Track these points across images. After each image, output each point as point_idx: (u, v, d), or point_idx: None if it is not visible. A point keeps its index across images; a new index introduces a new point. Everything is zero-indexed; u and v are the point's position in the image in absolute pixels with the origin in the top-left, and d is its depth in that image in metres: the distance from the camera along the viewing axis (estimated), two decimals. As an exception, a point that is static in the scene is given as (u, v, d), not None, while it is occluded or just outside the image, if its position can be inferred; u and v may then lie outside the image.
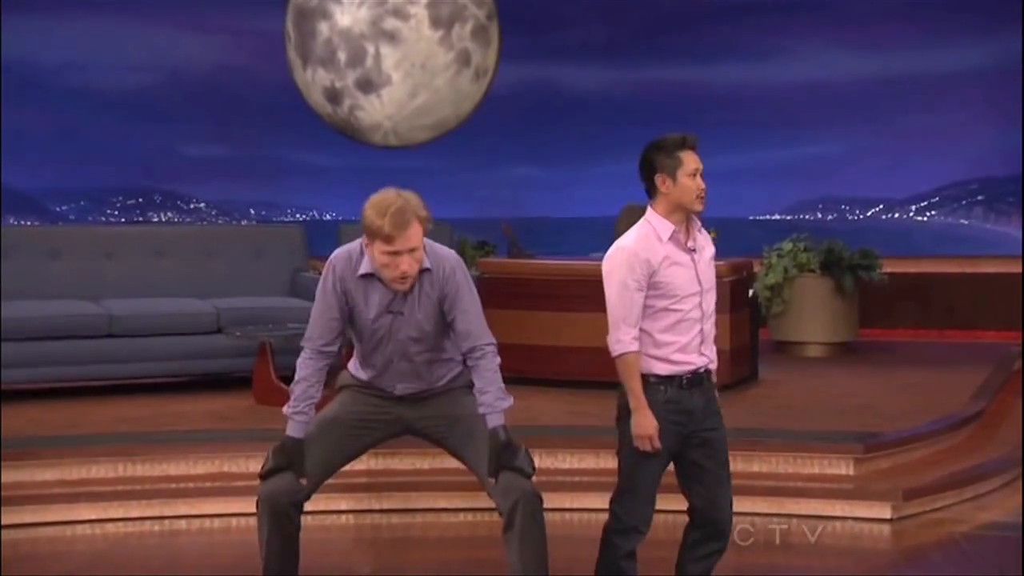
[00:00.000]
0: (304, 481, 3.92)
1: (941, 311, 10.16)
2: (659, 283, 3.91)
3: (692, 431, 3.99)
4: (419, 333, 3.93)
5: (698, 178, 3.95)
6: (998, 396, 7.76)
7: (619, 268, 3.92)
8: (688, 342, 3.95)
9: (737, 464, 5.97)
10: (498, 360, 3.96)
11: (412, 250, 3.78)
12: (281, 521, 3.89)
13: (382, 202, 3.77)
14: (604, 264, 3.99)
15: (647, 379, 3.96)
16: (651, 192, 3.97)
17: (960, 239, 11.76)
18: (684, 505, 4.16)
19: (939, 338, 9.94)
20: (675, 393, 3.94)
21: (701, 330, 3.97)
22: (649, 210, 3.98)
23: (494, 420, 3.88)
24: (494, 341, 3.97)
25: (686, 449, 4.00)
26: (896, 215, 12.07)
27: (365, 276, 3.89)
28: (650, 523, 4.06)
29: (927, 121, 11.29)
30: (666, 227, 3.93)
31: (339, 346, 4.02)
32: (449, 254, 3.96)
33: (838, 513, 5.82)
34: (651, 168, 3.96)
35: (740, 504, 5.79)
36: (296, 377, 3.97)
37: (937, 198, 12.03)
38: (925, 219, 12.13)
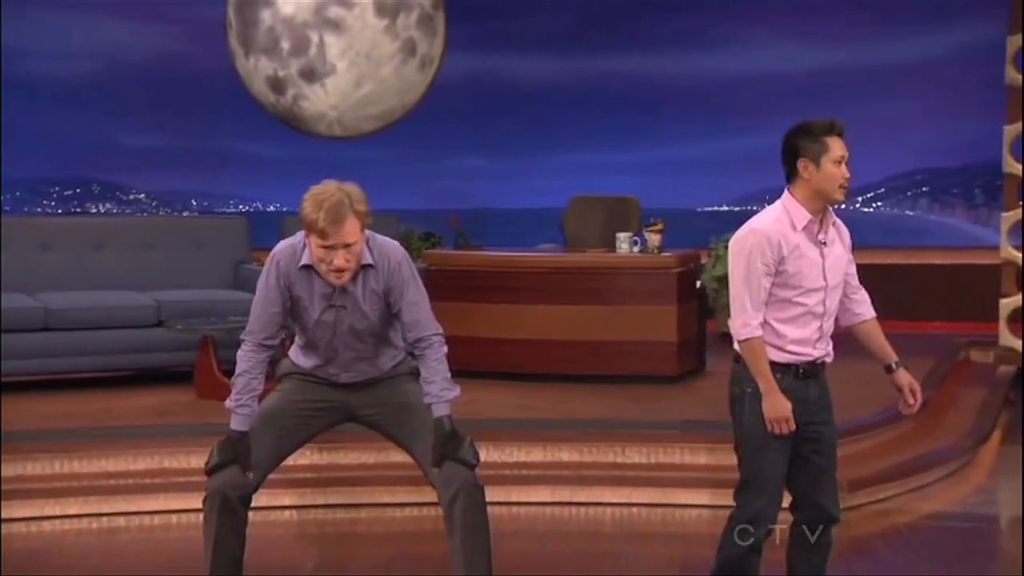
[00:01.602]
0: (251, 475, 3.91)
1: (887, 302, 10.23)
2: (785, 272, 3.79)
3: (805, 423, 3.88)
4: (364, 325, 3.94)
5: (843, 166, 3.80)
6: (943, 386, 7.87)
7: (750, 250, 3.78)
8: (806, 337, 3.86)
9: (684, 456, 6.10)
10: (445, 350, 3.97)
11: (347, 246, 3.78)
12: (229, 516, 3.89)
13: (320, 195, 3.76)
14: (732, 244, 3.86)
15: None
16: (791, 177, 3.83)
17: (905, 230, 11.92)
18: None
19: (885, 328, 10.05)
20: (791, 382, 3.85)
21: (821, 326, 3.87)
22: (786, 194, 3.85)
23: (440, 410, 3.90)
24: (441, 331, 3.98)
25: (796, 443, 3.89)
26: (843, 206, 12.18)
27: (306, 267, 3.88)
28: (775, 520, 3.91)
29: (874, 112, 11.40)
30: (802, 215, 3.80)
31: (280, 339, 4.02)
32: (395, 248, 3.96)
33: (785, 504, 5.87)
34: (794, 152, 3.81)
35: (688, 496, 5.90)
36: (237, 370, 3.96)
37: (883, 189, 12.17)
38: (872, 210, 12.28)
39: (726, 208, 12.65)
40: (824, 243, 3.84)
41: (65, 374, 7.38)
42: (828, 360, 3.94)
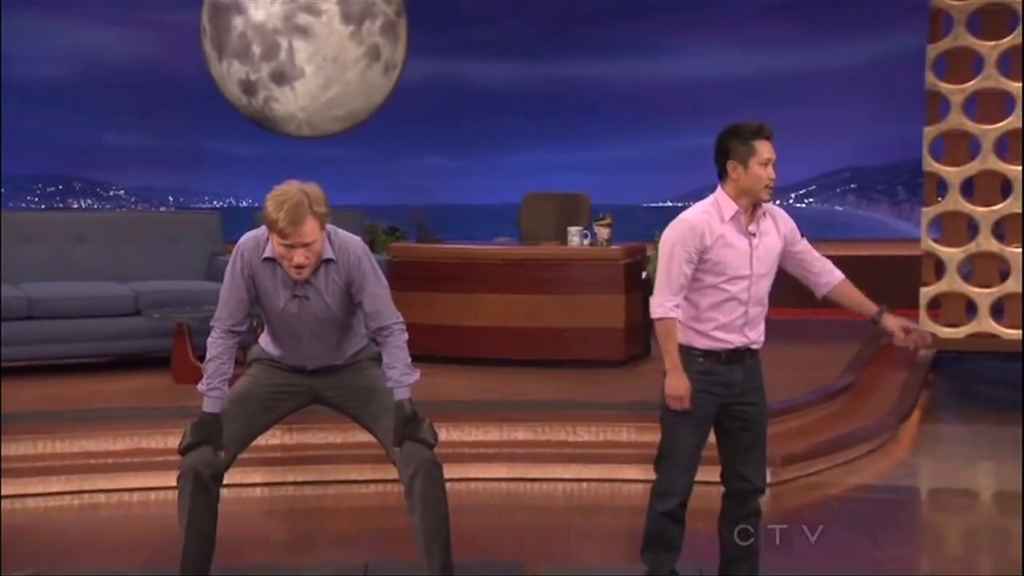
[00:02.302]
0: (222, 454, 3.88)
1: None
2: (710, 260, 3.82)
3: (730, 403, 3.91)
4: (328, 315, 3.91)
5: (770, 168, 3.82)
6: (867, 369, 7.94)
7: (675, 238, 3.82)
8: (730, 322, 3.86)
9: (631, 434, 6.11)
10: (405, 337, 3.95)
11: (306, 244, 3.74)
12: (202, 492, 3.85)
13: (281, 196, 3.73)
14: (664, 232, 3.89)
15: (687, 350, 3.88)
16: (722, 176, 3.86)
17: (834, 224, 12.02)
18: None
19: (815, 316, 10.11)
20: (713, 366, 3.87)
21: (746, 312, 3.87)
22: (719, 189, 3.87)
23: (400, 394, 3.88)
24: (401, 319, 3.96)
25: (724, 420, 3.93)
26: (777, 202, 12.26)
27: (268, 260, 3.85)
28: (688, 490, 3.93)
29: (806, 115, 11.49)
30: (730, 208, 3.82)
31: (247, 325, 3.98)
32: (355, 243, 3.93)
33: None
34: (724, 153, 3.84)
35: (634, 472, 5.91)
36: (208, 356, 3.92)
37: (814, 186, 12.27)
38: (803, 206, 12.37)
39: (670, 204, 12.71)
40: (754, 234, 3.85)
41: (48, 360, 7.30)
42: (756, 346, 3.93)
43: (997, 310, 8.21)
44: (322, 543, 5.18)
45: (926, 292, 8.28)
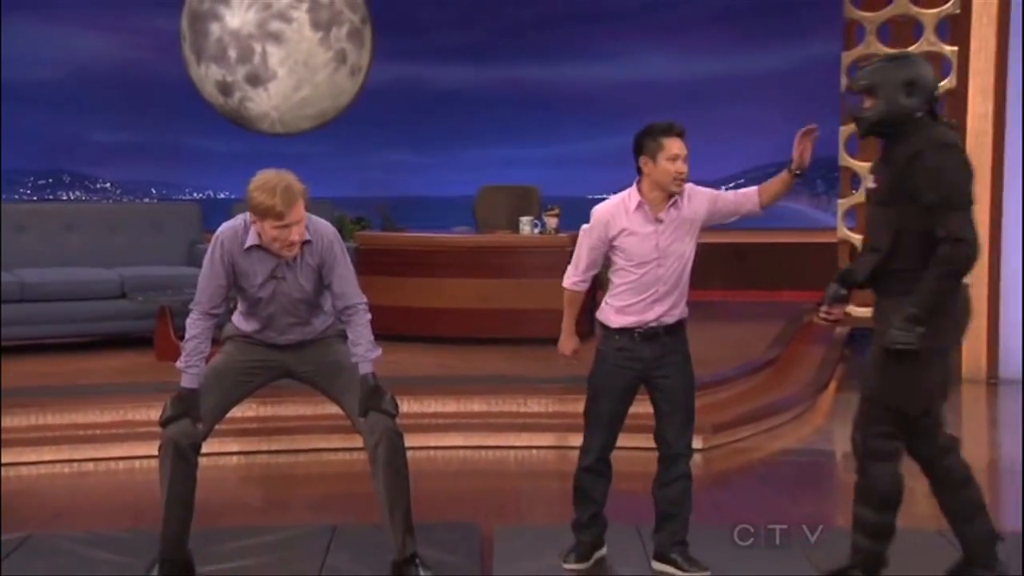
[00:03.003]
0: (200, 425, 3.86)
1: (747, 275, 10.45)
2: (616, 247, 3.91)
3: (647, 377, 3.96)
4: (301, 294, 3.90)
5: (679, 163, 3.84)
6: (789, 345, 8.02)
7: (587, 227, 3.98)
8: (640, 300, 3.90)
9: (578, 406, 6.08)
10: (368, 316, 3.94)
11: (298, 222, 3.74)
12: (182, 461, 3.83)
13: (267, 183, 3.71)
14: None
15: (605, 327, 3.97)
16: (638, 170, 3.92)
17: (763, 215, 12.09)
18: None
19: (745, 298, 10.23)
20: (627, 342, 3.92)
21: (655, 291, 3.90)
22: (635, 183, 3.93)
23: (365, 368, 3.88)
24: (365, 300, 3.95)
25: (649, 391, 3.99)
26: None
27: (250, 248, 3.83)
28: (604, 449, 4.00)
29: (737, 114, 11.54)
30: (635, 200, 3.89)
31: (224, 308, 3.96)
32: (327, 227, 3.93)
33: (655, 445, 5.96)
34: (638, 150, 3.90)
35: (580, 440, 5.92)
36: (187, 336, 3.89)
37: (743, 180, 12.33)
38: (734, 198, 12.43)
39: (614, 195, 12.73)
40: (662, 221, 3.89)
41: (41, 340, 7.24)
42: (669, 322, 3.94)
43: (905, 292, 8.31)
44: (294, 507, 5.17)
45: (842, 276, 8.37)
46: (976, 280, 7.89)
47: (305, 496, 5.36)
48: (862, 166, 8.24)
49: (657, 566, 4.03)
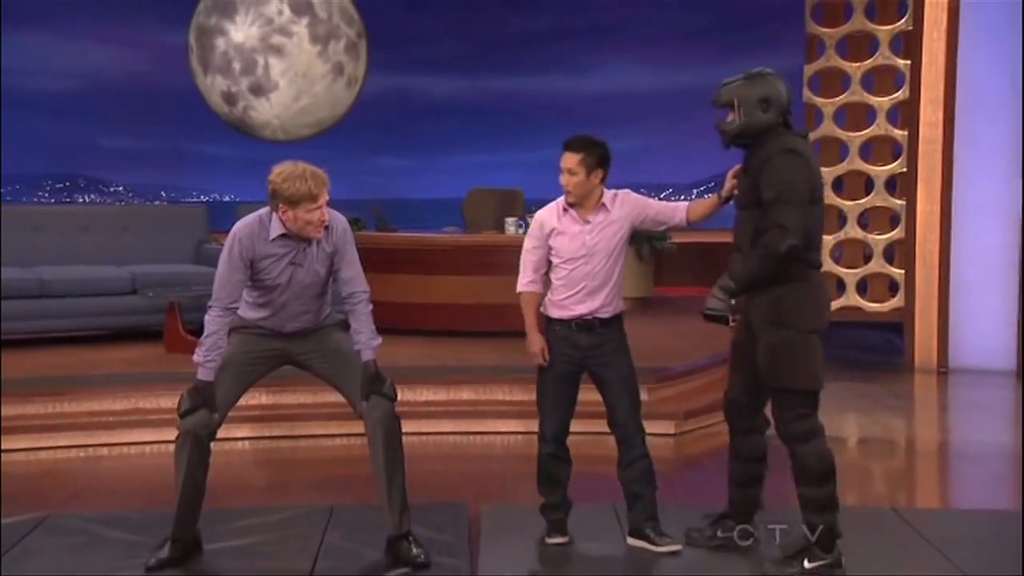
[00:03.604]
0: (216, 415, 3.82)
1: (717, 272, 10.46)
2: (551, 247, 3.99)
3: (586, 365, 4.01)
4: (314, 279, 3.87)
5: (564, 175, 3.97)
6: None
7: (531, 229, 4.05)
8: (573, 294, 3.97)
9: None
10: (371, 307, 3.93)
11: (327, 202, 3.76)
12: (199, 449, 3.80)
13: (295, 172, 3.71)
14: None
15: (547, 319, 4.02)
16: None
17: (728, 217, 12.12)
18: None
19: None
20: (565, 332, 3.98)
21: (585, 286, 3.96)
22: None
23: (367, 355, 3.86)
24: (368, 289, 3.94)
25: (595, 383, 4.03)
26: (682, 197, 12.38)
27: (276, 238, 3.78)
28: (557, 435, 4.03)
29: (706, 123, 11.56)
30: (562, 204, 4.00)
31: (241, 303, 3.89)
32: (340, 216, 3.92)
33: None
34: None
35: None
36: (207, 332, 3.82)
37: (712, 183, 12.37)
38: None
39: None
40: (589, 222, 3.97)
41: (57, 333, 7.19)
42: (604, 316, 4.00)
43: (862, 287, 8.35)
44: (295, 489, 5.15)
45: (804, 272, 8.39)
46: (927, 277, 7.99)
47: (305, 479, 5.34)
48: (824, 171, 8.25)
49: (632, 541, 4.06)
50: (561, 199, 4.02)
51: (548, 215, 4.02)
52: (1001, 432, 6.26)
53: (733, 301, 3.68)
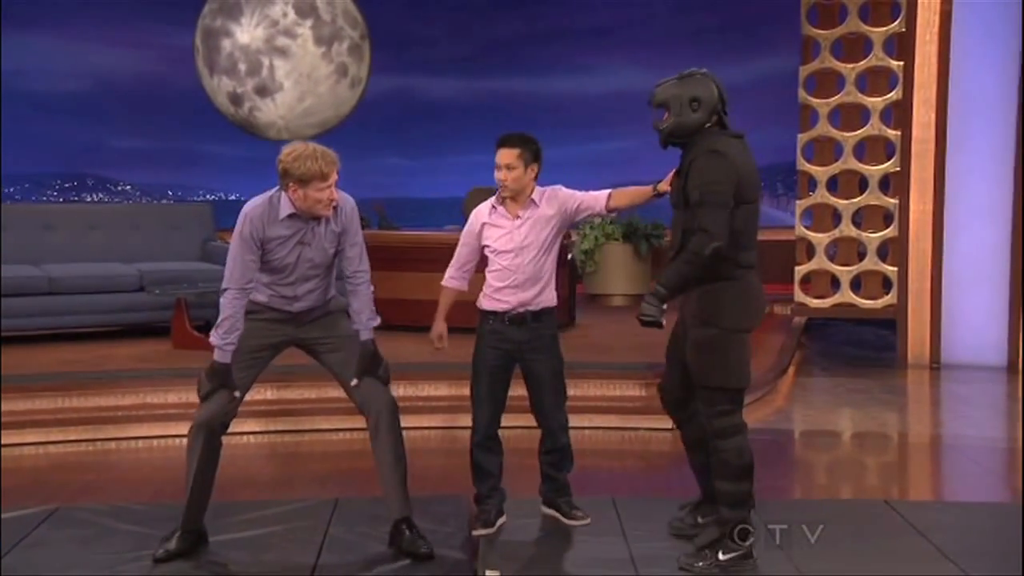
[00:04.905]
0: (237, 394, 3.79)
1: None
2: (484, 241, 4.04)
3: (518, 359, 4.04)
4: (322, 258, 3.86)
5: (502, 170, 3.98)
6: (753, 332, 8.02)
7: (466, 225, 4.10)
8: (504, 287, 4.02)
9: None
10: (372, 288, 3.93)
11: (336, 180, 3.75)
12: (212, 442, 3.81)
13: (305, 152, 3.70)
14: None
15: (481, 312, 4.08)
16: None
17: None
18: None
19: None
20: (498, 325, 4.03)
21: (515, 279, 4.00)
22: None
23: (366, 335, 3.88)
24: (370, 270, 3.94)
25: (524, 375, 4.07)
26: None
27: (285, 218, 3.76)
28: (488, 426, 4.09)
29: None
30: (494, 201, 4.06)
31: (254, 284, 3.83)
32: (348, 196, 3.90)
33: (632, 425, 5.98)
34: None
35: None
36: (223, 314, 3.77)
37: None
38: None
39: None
40: (520, 217, 4.01)
41: (66, 329, 7.20)
42: (535, 309, 4.04)
43: (856, 284, 8.36)
44: (299, 482, 5.16)
45: (799, 270, 8.40)
46: (920, 274, 7.99)
47: (310, 472, 5.35)
48: (818, 170, 8.27)
49: (545, 510, 4.21)
50: (495, 195, 4.06)
51: (481, 211, 4.07)
52: (992, 426, 6.27)
53: (664, 306, 3.67)
